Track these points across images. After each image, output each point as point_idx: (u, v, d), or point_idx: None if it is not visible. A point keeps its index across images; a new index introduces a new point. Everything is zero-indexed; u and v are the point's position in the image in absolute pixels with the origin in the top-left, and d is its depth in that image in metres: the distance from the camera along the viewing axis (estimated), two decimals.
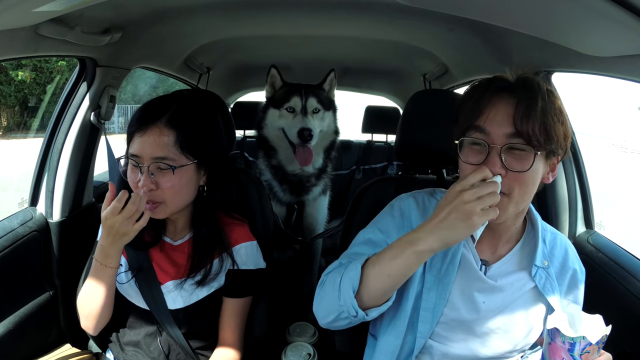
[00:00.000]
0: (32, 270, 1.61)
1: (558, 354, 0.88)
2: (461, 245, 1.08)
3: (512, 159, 0.94)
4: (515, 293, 1.08)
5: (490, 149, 0.95)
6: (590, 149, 8.92)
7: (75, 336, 1.58)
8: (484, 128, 0.96)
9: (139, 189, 1.14)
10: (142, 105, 1.23)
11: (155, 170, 1.15)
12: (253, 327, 1.40)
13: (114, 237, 1.13)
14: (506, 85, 0.97)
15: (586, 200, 1.67)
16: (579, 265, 1.15)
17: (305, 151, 2.10)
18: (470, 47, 1.84)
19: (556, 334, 0.88)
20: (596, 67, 1.27)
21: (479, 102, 0.97)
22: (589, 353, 0.87)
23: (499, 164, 0.93)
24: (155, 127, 1.15)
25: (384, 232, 1.12)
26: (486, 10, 1.16)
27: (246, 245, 1.30)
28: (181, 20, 1.74)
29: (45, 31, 1.23)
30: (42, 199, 1.70)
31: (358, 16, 1.78)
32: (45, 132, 1.75)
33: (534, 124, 0.92)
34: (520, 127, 0.92)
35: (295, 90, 2.18)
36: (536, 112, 0.92)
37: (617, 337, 1.35)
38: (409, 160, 1.53)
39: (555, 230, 1.18)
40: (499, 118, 0.95)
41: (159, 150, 1.14)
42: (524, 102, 0.93)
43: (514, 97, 0.94)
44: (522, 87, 0.96)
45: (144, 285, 1.25)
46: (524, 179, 0.95)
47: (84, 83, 1.68)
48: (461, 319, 1.08)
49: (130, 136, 1.17)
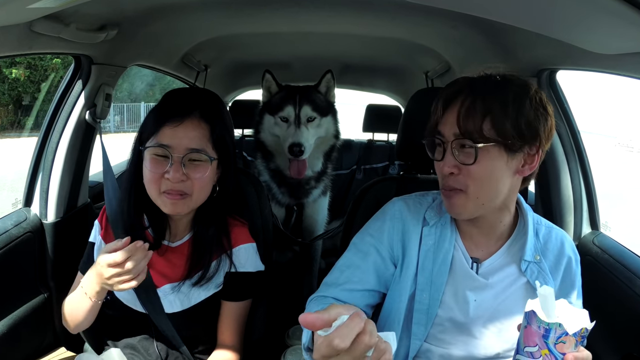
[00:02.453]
0: (26, 272, 1.59)
1: (532, 339, 0.86)
2: (452, 245, 1.11)
3: (463, 155, 1.02)
4: (506, 289, 1.09)
5: (444, 149, 1.05)
6: (595, 148, 8.92)
7: (70, 340, 1.57)
8: (439, 131, 1.06)
9: (165, 179, 1.14)
10: (164, 99, 1.23)
11: (187, 162, 1.15)
12: (252, 330, 1.39)
13: (100, 282, 1.12)
14: (458, 89, 1.05)
15: (591, 201, 1.65)
16: (574, 253, 1.15)
17: (298, 164, 2.06)
18: (474, 44, 1.82)
19: (533, 317, 0.86)
20: (601, 64, 1.26)
21: (437, 107, 1.07)
22: (565, 344, 0.84)
23: (451, 161, 1.03)
24: (192, 118, 1.16)
25: (374, 237, 1.15)
26: (490, 7, 1.15)
27: (246, 247, 1.29)
28: (178, 17, 1.72)
29: (40, 28, 1.22)
30: (37, 200, 1.68)
31: (359, 12, 1.76)
32: (40, 131, 1.74)
33: (474, 121, 0.99)
34: (463, 127, 1.00)
35: (289, 98, 2.11)
36: (475, 110, 1.00)
37: (622, 340, 1.35)
38: (410, 159, 1.52)
39: (552, 224, 1.18)
40: (449, 121, 1.03)
41: (196, 141, 1.15)
42: (466, 103, 1.01)
43: (460, 99, 1.02)
44: (469, 87, 1.03)
45: (140, 289, 1.23)
46: (475, 173, 1.01)
47: (79, 81, 1.65)
48: (455, 319, 1.09)
49: (157, 127, 1.16)
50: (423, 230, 1.14)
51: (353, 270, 1.13)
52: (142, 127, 1.21)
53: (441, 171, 1.06)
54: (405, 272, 1.12)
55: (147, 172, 1.17)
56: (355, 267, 1.13)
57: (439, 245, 1.11)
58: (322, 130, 2.14)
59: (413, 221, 1.14)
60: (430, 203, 1.18)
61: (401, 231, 1.14)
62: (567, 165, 1.64)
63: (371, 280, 1.13)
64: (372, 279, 1.13)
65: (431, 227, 1.13)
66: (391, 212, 1.17)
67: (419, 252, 1.12)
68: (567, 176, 1.64)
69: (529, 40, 1.47)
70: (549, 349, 0.85)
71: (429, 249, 1.12)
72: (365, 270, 1.13)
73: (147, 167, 1.16)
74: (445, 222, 1.13)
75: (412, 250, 1.12)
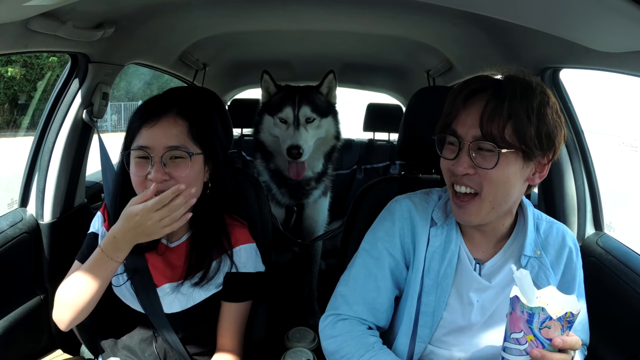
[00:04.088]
0: (22, 273, 1.58)
1: (517, 325, 0.87)
2: (458, 247, 1.10)
3: (481, 158, 0.99)
4: (506, 287, 1.07)
5: (460, 148, 1.01)
6: (599, 147, 8.88)
7: (66, 342, 1.57)
8: (455, 130, 1.02)
9: (148, 181, 1.12)
10: (143, 103, 1.22)
11: (168, 160, 1.14)
12: (251, 332, 1.38)
13: (135, 234, 1.10)
14: (480, 87, 1.02)
15: (595, 201, 1.64)
16: (575, 245, 1.15)
17: (297, 166, 2.05)
18: (476, 42, 1.82)
19: (516, 302, 0.87)
20: (605, 63, 1.25)
21: (453, 105, 1.04)
22: (549, 329, 0.84)
23: (467, 162, 1.00)
24: (168, 117, 1.15)
25: (386, 240, 1.14)
26: (492, 5, 1.15)
27: (246, 247, 1.28)
28: (176, 14, 1.71)
29: (36, 26, 1.20)
30: (33, 200, 1.67)
31: (360, 10, 1.76)
32: (36, 130, 1.72)
33: (499, 124, 0.96)
34: (485, 129, 0.97)
35: (289, 99, 2.09)
36: (502, 113, 0.96)
37: (627, 342, 1.34)
38: (412, 159, 1.51)
39: (554, 220, 1.17)
40: (469, 121, 1.00)
41: (173, 139, 1.14)
42: (490, 104, 0.97)
43: (484, 99, 0.99)
44: (493, 88, 0.99)
45: (139, 287, 1.23)
46: (492, 177, 0.99)
47: (76, 80, 1.64)
48: (459, 321, 1.08)
49: (136, 130, 1.15)
50: (431, 231, 1.12)
51: (368, 281, 1.12)
52: (126, 132, 1.20)
53: (454, 170, 1.03)
54: (414, 273, 1.11)
55: (132, 176, 1.16)
56: (372, 277, 1.12)
57: (446, 246, 1.10)
58: (322, 131, 2.13)
59: (422, 221, 1.13)
60: (437, 202, 1.16)
61: (411, 232, 1.13)
62: (571, 165, 1.63)
63: (389, 286, 1.12)
64: (390, 285, 1.12)
65: (438, 227, 1.12)
66: (399, 212, 1.15)
67: (425, 253, 1.11)
68: (571, 176, 1.63)
69: (532, 38, 1.46)
70: (534, 334, 0.85)
71: (435, 250, 1.10)
72: (382, 278, 1.12)
73: (132, 172, 1.16)
74: (452, 222, 1.12)
75: (420, 252, 1.11)
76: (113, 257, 1.13)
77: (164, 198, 1.08)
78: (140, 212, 1.08)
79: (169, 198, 1.08)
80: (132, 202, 1.10)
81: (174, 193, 1.08)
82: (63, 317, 1.18)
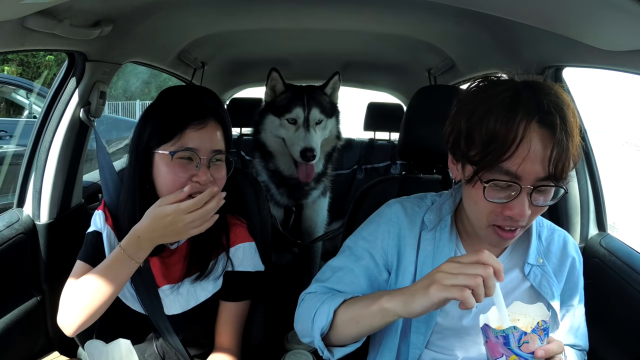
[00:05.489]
0: (19, 274, 1.57)
1: (496, 350, 0.85)
2: (452, 250, 1.08)
3: (538, 195, 0.90)
4: (509, 294, 1.06)
5: (519, 190, 0.88)
6: (602, 147, 8.87)
7: (63, 344, 1.56)
8: (516, 173, 0.87)
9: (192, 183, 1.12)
10: (170, 95, 1.23)
11: (210, 163, 1.17)
12: (250, 334, 1.37)
13: (163, 234, 1.09)
14: (536, 108, 0.85)
15: (598, 202, 1.63)
16: (578, 254, 1.14)
17: (307, 167, 2.02)
18: (478, 41, 1.81)
19: (488, 330, 0.86)
20: (609, 61, 1.24)
21: (507, 136, 0.85)
22: (528, 343, 0.83)
23: (527, 205, 0.89)
24: (212, 120, 1.18)
25: (368, 240, 1.12)
26: (494, 3, 1.15)
27: (244, 246, 1.29)
28: (175, 12, 1.70)
29: (33, 24, 1.19)
30: (29, 200, 1.65)
31: (360, 8, 1.75)
32: (32, 129, 1.71)
33: (565, 163, 0.86)
34: (553, 170, 0.86)
35: (297, 99, 2.04)
36: (568, 150, 0.85)
37: (630, 344, 1.33)
38: (413, 159, 1.51)
39: (554, 225, 1.16)
40: (532, 159, 0.85)
41: (218, 143, 1.18)
42: (562, 141, 0.84)
43: (549, 132, 0.84)
44: (555, 114, 0.84)
45: (141, 287, 1.22)
46: (542, 208, 0.94)
47: (73, 78, 1.63)
48: (456, 326, 1.08)
49: (180, 129, 1.14)
50: (421, 235, 1.10)
51: (345, 273, 1.11)
52: (151, 130, 1.17)
53: (506, 213, 0.92)
54: (401, 279, 1.09)
55: (169, 176, 1.13)
56: (348, 270, 1.11)
57: (438, 251, 1.08)
58: (327, 132, 2.11)
59: (410, 226, 1.11)
60: (429, 206, 1.14)
61: (397, 236, 1.10)
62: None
63: (362, 284, 1.10)
64: (364, 284, 1.10)
65: (430, 231, 1.10)
66: (387, 215, 1.13)
67: (416, 259, 1.09)
68: (574, 176, 1.61)
69: (534, 37, 1.45)
70: (516, 354, 0.84)
71: (427, 254, 1.08)
72: (357, 275, 1.10)
73: (172, 172, 1.13)
74: (445, 225, 1.09)
75: (408, 257, 1.09)
76: (134, 257, 1.12)
77: (200, 200, 1.07)
78: (173, 212, 1.07)
79: (204, 201, 1.07)
80: (163, 202, 1.09)
81: (209, 195, 1.08)
82: (72, 322, 1.15)
